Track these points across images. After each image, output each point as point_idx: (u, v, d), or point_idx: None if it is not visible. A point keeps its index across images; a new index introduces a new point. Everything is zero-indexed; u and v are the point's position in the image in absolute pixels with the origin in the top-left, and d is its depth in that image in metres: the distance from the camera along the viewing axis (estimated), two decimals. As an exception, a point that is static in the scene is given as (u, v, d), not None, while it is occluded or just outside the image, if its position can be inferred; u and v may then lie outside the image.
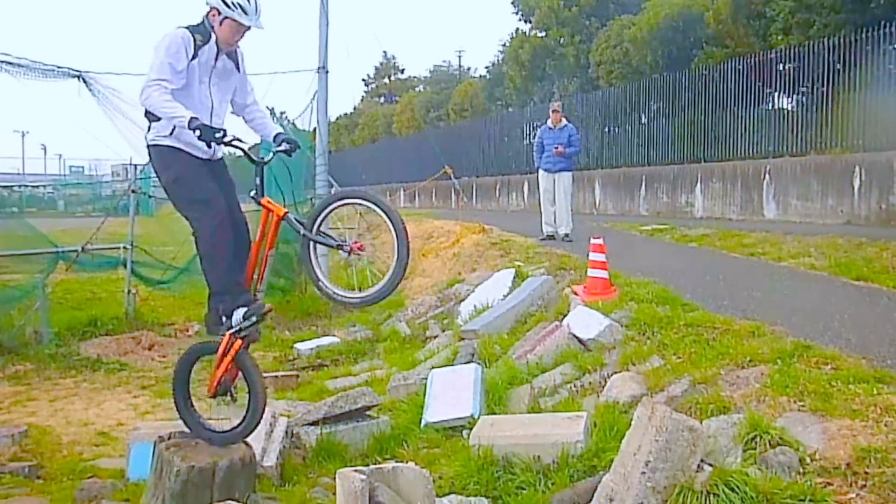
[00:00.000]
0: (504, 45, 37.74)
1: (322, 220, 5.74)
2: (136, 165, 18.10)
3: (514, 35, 35.81)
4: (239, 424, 6.06)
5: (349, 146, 60.72)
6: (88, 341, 14.03)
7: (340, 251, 5.68)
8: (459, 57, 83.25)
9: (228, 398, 6.27)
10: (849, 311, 8.10)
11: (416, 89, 59.36)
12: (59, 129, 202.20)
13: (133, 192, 16.62)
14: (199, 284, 16.97)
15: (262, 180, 5.86)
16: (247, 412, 6.01)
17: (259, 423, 6.08)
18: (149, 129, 5.93)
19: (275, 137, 6.14)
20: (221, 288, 5.91)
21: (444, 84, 52.84)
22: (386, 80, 70.42)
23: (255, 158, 5.83)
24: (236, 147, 5.74)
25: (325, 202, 5.85)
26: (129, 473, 7.25)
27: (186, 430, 6.30)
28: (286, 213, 5.75)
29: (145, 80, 5.61)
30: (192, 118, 5.45)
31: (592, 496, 5.11)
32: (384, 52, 70.73)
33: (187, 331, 15.27)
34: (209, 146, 5.73)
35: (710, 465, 4.87)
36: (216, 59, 5.92)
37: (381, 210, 5.43)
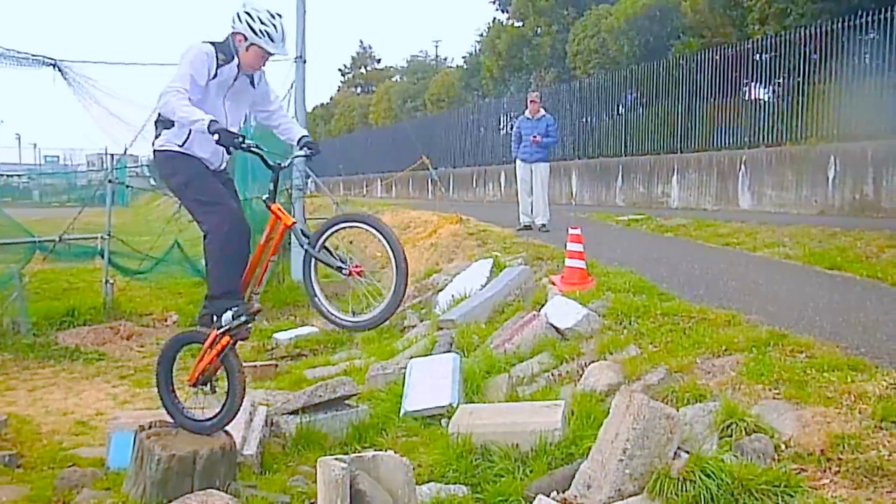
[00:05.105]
0: (481, 34, 37.78)
1: (326, 238, 5.73)
2: (111, 155, 18.00)
3: (492, 25, 35.81)
4: (213, 417, 6.13)
5: (325, 136, 60.60)
6: (66, 331, 13.99)
7: (340, 273, 5.68)
8: (436, 47, 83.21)
9: (208, 388, 6.30)
10: (823, 300, 8.18)
11: (393, 79, 59.20)
12: (33, 118, 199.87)
13: (109, 181, 16.53)
14: (176, 274, 17.00)
15: (275, 185, 5.86)
16: (223, 407, 6.06)
17: (233, 419, 6.15)
18: (157, 135, 5.93)
19: (299, 140, 6.14)
20: (221, 291, 5.90)
21: (420, 74, 52.69)
22: (362, 70, 70.22)
23: (271, 164, 5.81)
24: (254, 152, 5.72)
25: (332, 222, 5.82)
26: (109, 462, 7.22)
27: (167, 415, 6.34)
28: (294, 223, 5.74)
29: (164, 87, 5.56)
30: (212, 121, 5.40)
31: (570, 483, 5.17)
32: (360, 41, 70.62)
33: (165, 320, 15.25)
34: (228, 152, 5.73)
35: (687, 451, 4.93)
36: (235, 80, 5.92)
37: (385, 238, 5.48)
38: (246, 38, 5.75)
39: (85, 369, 12.26)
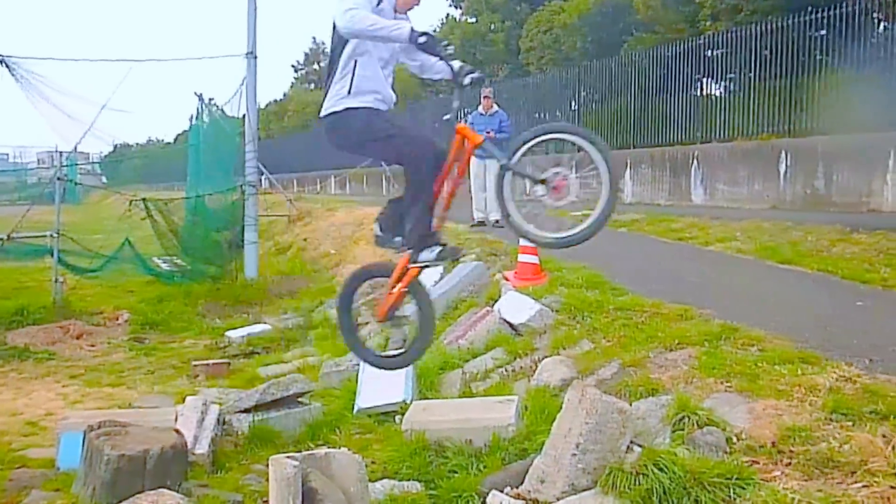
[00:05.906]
0: (435, 30, 37.63)
1: (524, 152, 5.26)
2: (61, 152, 17.78)
3: (445, 21, 35.79)
4: (408, 349, 5.97)
5: (279, 133, 60.23)
6: (16, 331, 13.80)
7: (544, 185, 5.25)
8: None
9: (394, 323, 6.09)
10: (775, 294, 8.24)
11: (347, 75, 58.95)
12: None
13: (59, 179, 16.31)
14: (128, 272, 16.79)
15: (460, 106, 5.56)
16: (417, 336, 5.82)
17: (427, 347, 5.95)
18: (321, 107, 5.53)
19: (458, 71, 5.53)
20: (424, 231, 5.68)
21: (375, 70, 52.55)
22: (316, 67, 69.88)
23: (458, 80, 5.43)
24: (448, 61, 5.37)
25: (532, 133, 5.26)
26: (59, 463, 7.15)
27: (353, 353, 6.12)
28: (484, 139, 5.39)
29: (339, 8, 5.09)
30: (412, 29, 5.01)
31: (524, 478, 5.16)
32: (314, 37, 70.22)
33: (116, 319, 15.08)
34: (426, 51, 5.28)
35: (640, 445, 4.93)
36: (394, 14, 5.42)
37: (593, 146, 5.04)
38: None
39: (35, 369, 12.10)
